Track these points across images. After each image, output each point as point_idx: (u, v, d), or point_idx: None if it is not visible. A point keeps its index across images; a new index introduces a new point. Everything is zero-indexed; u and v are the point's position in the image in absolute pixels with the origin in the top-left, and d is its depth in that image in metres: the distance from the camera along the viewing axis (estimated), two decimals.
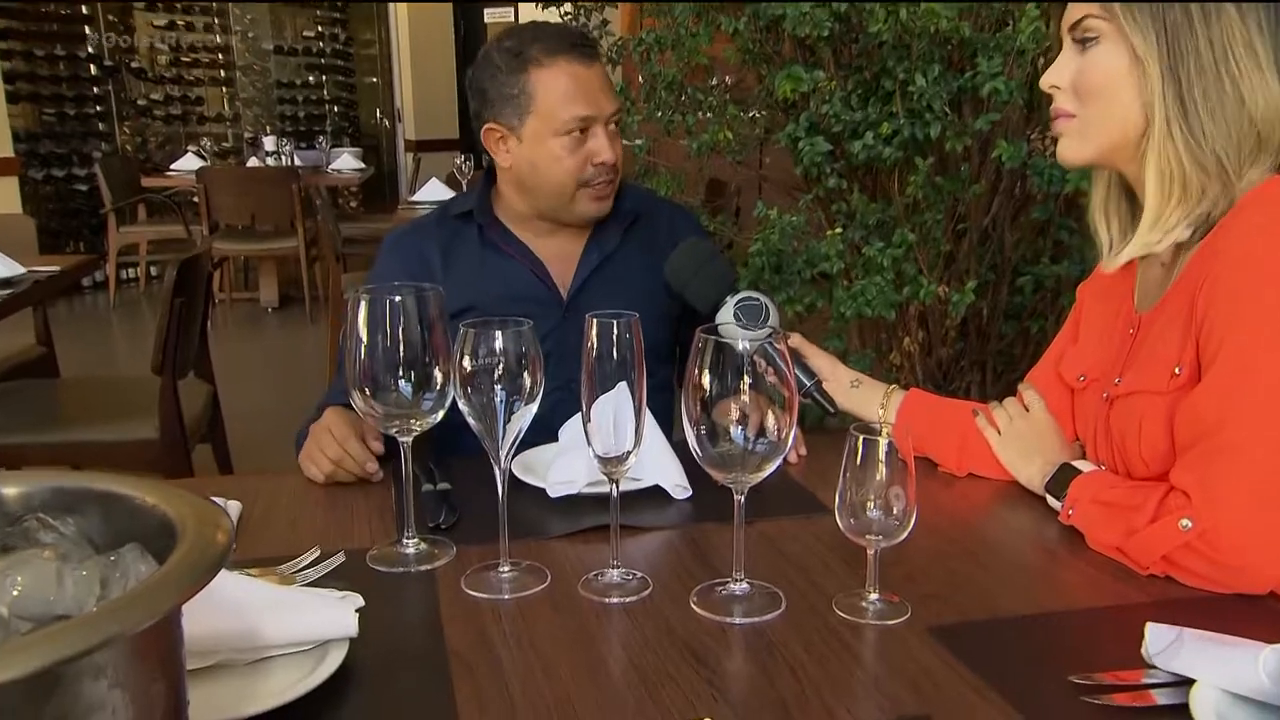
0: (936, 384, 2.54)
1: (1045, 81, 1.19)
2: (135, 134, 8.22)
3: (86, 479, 0.70)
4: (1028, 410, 1.36)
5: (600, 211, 1.60)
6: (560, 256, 1.66)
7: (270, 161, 6.84)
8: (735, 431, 0.98)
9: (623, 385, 1.02)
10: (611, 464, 1.06)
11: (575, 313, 1.58)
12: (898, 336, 2.56)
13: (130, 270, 7.21)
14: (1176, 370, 1.13)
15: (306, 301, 6.20)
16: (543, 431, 1.31)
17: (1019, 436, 1.34)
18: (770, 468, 1.01)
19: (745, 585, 1.05)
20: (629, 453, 1.05)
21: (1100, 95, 1.14)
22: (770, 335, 0.99)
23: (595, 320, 1.02)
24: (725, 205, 3.87)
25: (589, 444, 1.06)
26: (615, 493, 1.09)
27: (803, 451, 1.48)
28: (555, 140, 1.55)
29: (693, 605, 1.04)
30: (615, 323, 1.02)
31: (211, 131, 8.57)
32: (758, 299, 1.41)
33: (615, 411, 1.03)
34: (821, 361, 1.47)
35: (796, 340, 1.47)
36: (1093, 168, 1.24)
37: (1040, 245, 2.47)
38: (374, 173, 7.43)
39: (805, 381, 1.41)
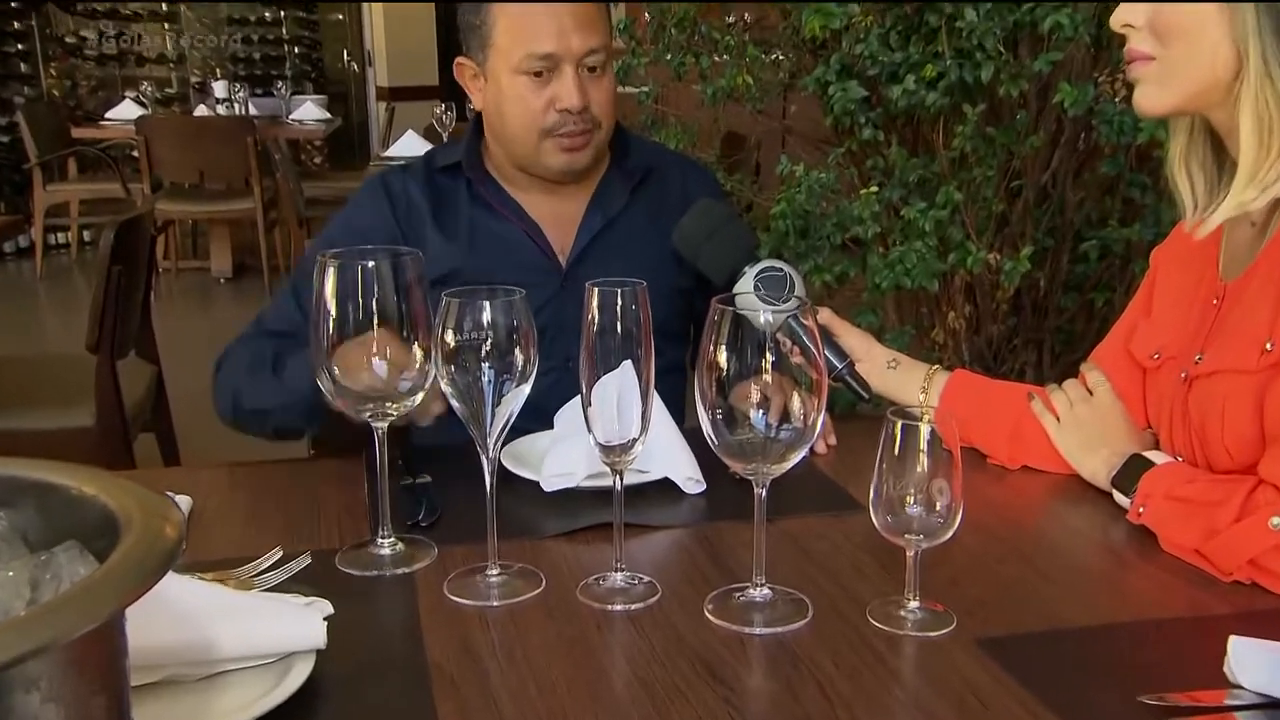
0: (986, 365, 2.54)
1: (1117, 21, 1.18)
2: (63, 77, 8.21)
3: (18, 466, 0.71)
4: (1091, 394, 1.36)
5: (573, 164, 1.60)
6: (558, 218, 1.65)
7: (221, 110, 6.82)
8: (756, 416, 0.98)
9: (627, 364, 1.03)
10: (615, 453, 1.07)
11: (574, 282, 1.58)
12: (941, 311, 2.55)
13: (60, 234, 7.22)
14: (1268, 346, 1.13)
15: (264, 271, 6.20)
16: (537, 417, 1.32)
17: (1081, 424, 1.34)
18: (795, 458, 1.01)
19: (767, 591, 1.06)
20: (634, 440, 1.06)
21: (1184, 34, 1.13)
22: (797, 308, 0.99)
23: (596, 289, 1.02)
24: (744, 161, 3.87)
25: (589, 431, 1.06)
26: (619, 486, 1.09)
27: (832, 440, 1.48)
28: (516, 79, 1.55)
29: (707, 613, 1.04)
30: (619, 292, 1.02)
31: (153, 75, 8.55)
32: (781, 269, 1.41)
33: (619, 393, 1.04)
34: (854, 340, 1.47)
35: (826, 316, 1.47)
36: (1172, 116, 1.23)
37: (1107, 205, 2.46)
38: (341, 124, 7.42)
39: (836, 363, 1.41)
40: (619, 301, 1.02)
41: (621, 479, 1.09)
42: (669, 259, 1.59)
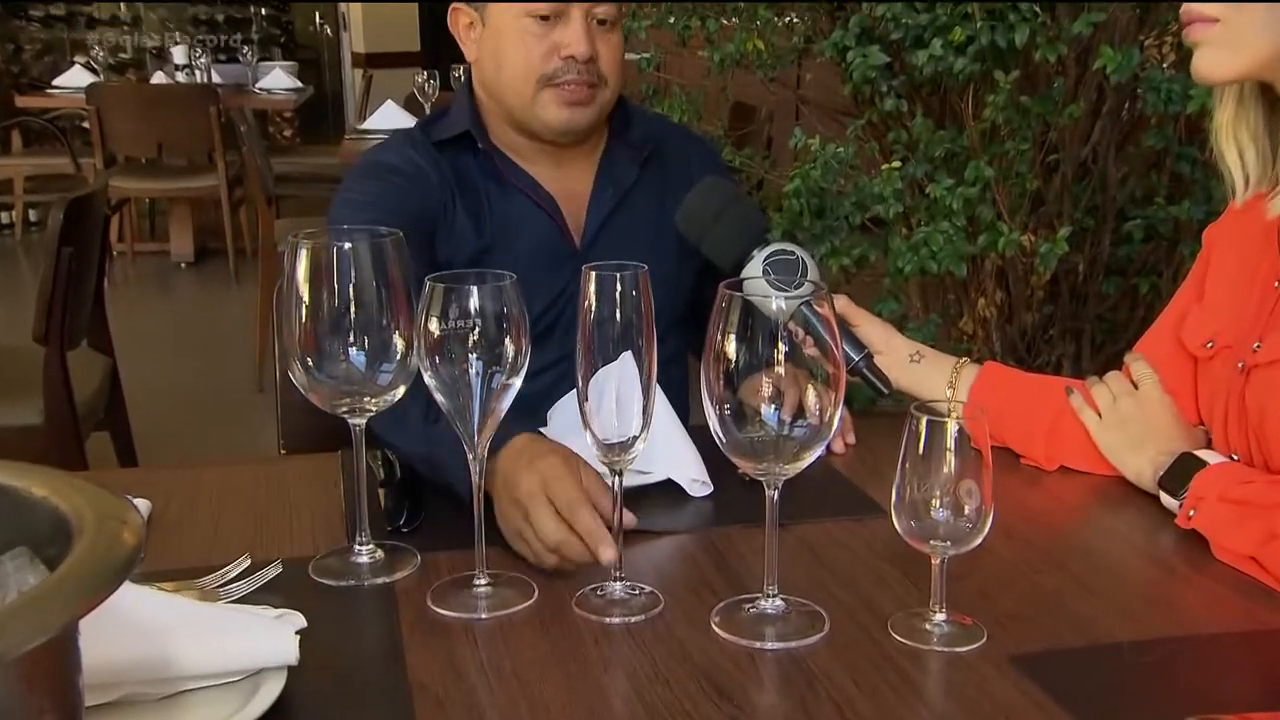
0: (1019, 357, 2.54)
1: None
2: (6, 40, 8.19)
3: None
4: (1136, 387, 1.36)
5: (573, 121, 1.58)
6: (568, 194, 1.64)
7: (181, 78, 6.81)
8: (767, 412, 0.98)
9: (627, 356, 1.03)
10: (613, 452, 1.07)
11: None
12: (970, 298, 2.55)
13: (3, 214, 7.22)
14: None
15: (229, 255, 6.20)
16: (539, 414, 1.32)
17: (1125, 420, 1.34)
18: (810, 457, 1.02)
19: (779, 602, 1.06)
20: (635, 438, 1.06)
21: None
22: (810, 295, 0.99)
23: (594, 274, 1.03)
24: (754, 134, 3.86)
25: (586, 428, 1.06)
26: (618, 487, 1.10)
27: (851, 439, 1.49)
28: (519, 21, 1.55)
29: (714, 627, 1.05)
30: (618, 277, 1.02)
31: (105, 38, 8.55)
32: (793, 252, 1.40)
33: (618, 388, 1.04)
34: (873, 330, 1.47)
35: (842, 304, 1.47)
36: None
37: (1153, 181, 2.46)
38: (313, 94, 7.40)
39: (852, 355, 1.40)
40: (619, 287, 1.02)
41: (620, 479, 1.09)
42: (672, 241, 1.59)
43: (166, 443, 3.56)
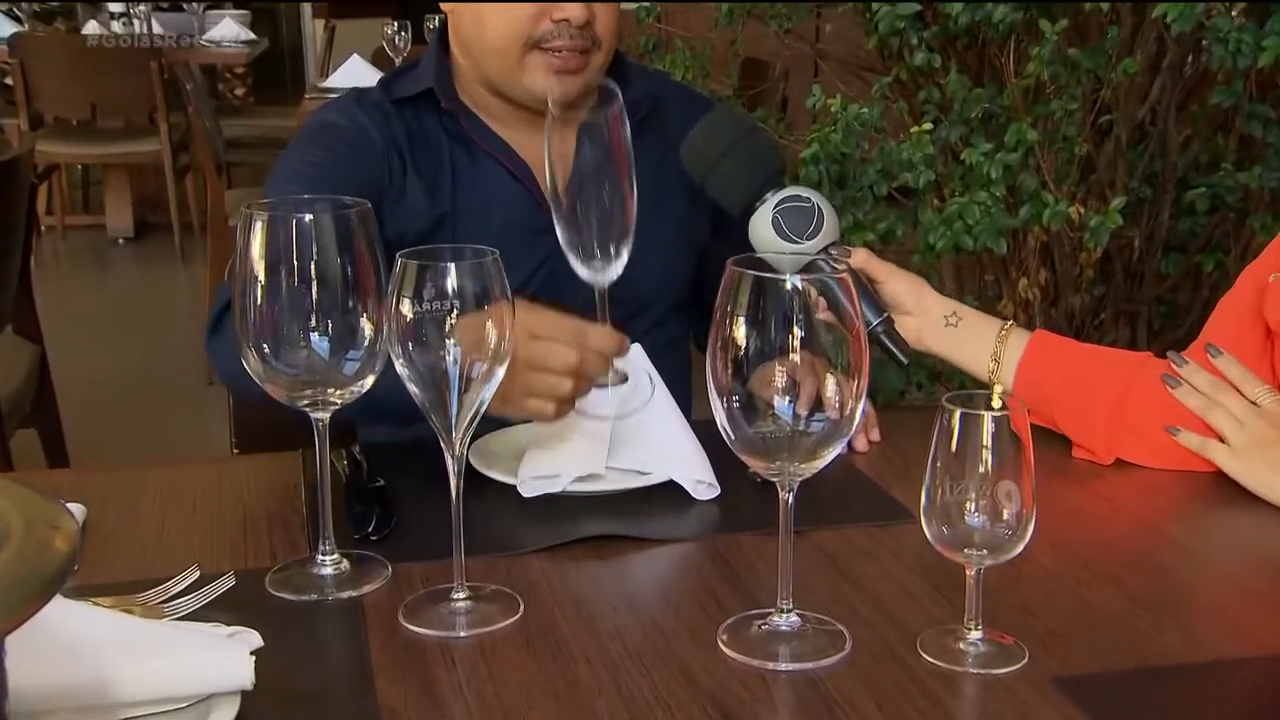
0: None
1: None
2: None
3: None
4: (1253, 402, 1.32)
5: (560, 92, 1.58)
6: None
7: (118, 28, 6.79)
8: (781, 405, 0.99)
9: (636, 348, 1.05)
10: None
11: None
12: (1011, 278, 2.56)
13: None
14: None
15: (174, 229, 6.21)
16: None
17: (1260, 442, 1.31)
18: (829, 455, 1.02)
19: (794, 618, 1.07)
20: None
21: None
22: (828, 249, 0.99)
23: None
24: (768, 94, 3.86)
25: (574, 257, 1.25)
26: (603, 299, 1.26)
27: (875, 435, 1.49)
28: None
29: (721, 646, 1.05)
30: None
31: None
32: (808, 199, 1.39)
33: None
34: (900, 286, 1.44)
35: (862, 258, 1.43)
36: None
37: (1220, 145, 2.46)
38: (268, 47, 7.39)
39: (870, 319, 1.37)
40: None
41: (605, 300, 1.21)
42: (677, 214, 1.59)
43: (103, 441, 3.56)
